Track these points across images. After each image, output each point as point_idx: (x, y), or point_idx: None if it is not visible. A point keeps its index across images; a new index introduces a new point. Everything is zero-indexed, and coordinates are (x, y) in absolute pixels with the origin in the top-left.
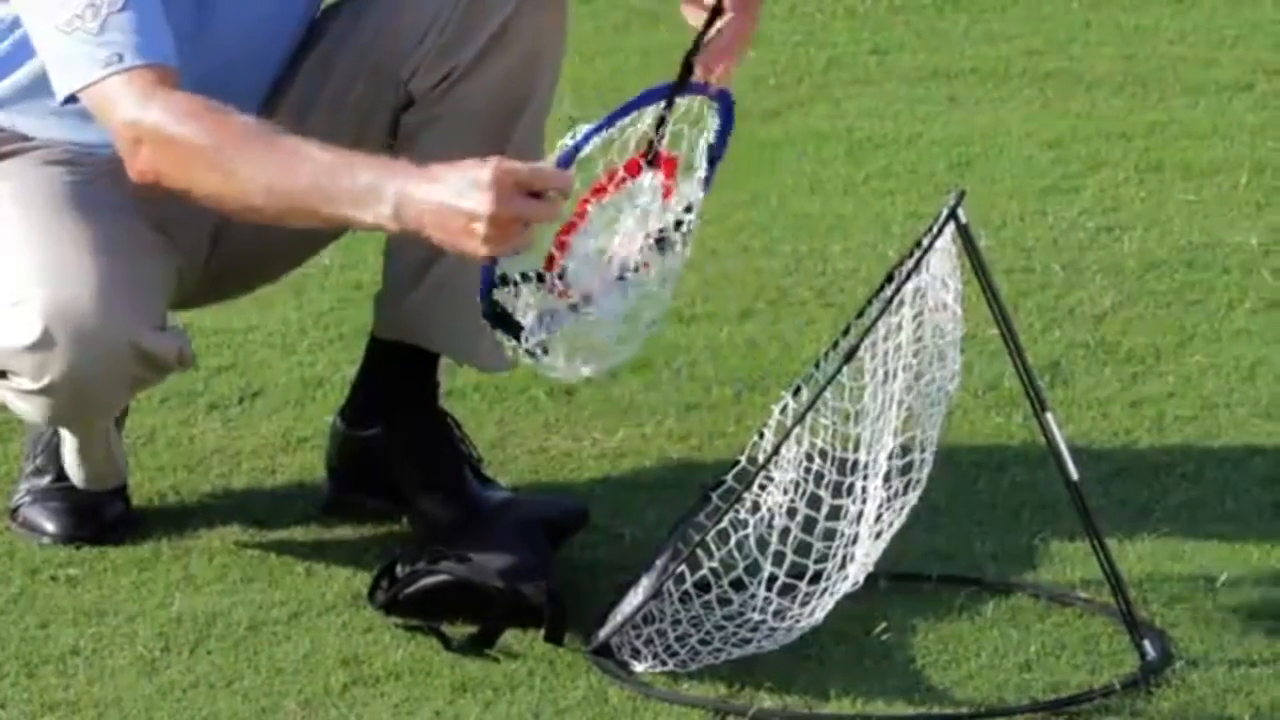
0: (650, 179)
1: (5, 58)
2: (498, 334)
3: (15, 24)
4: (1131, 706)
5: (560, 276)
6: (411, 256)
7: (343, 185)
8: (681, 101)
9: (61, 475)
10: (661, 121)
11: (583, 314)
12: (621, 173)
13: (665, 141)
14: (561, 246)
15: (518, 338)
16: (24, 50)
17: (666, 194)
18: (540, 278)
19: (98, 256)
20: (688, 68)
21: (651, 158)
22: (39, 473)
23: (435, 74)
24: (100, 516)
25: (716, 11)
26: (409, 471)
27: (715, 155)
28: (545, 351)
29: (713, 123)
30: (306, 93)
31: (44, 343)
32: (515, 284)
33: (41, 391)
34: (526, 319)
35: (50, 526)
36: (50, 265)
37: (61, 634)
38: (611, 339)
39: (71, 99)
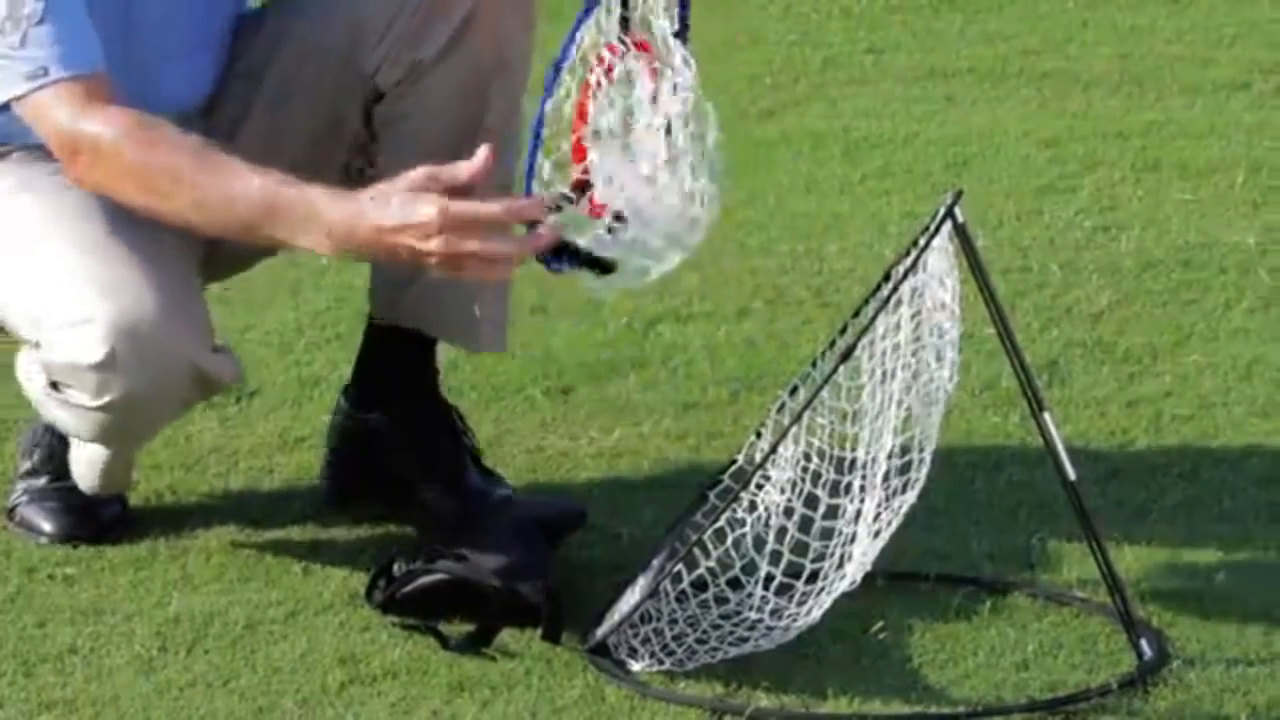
0: (634, 62)
1: None
2: (567, 270)
3: None
4: (1128, 706)
5: (586, 191)
6: (395, 277)
7: (280, 213)
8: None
9: (58, 475)
10: (624, 4)
11: (621, 237)
12: (607, 57)
13: (633, 23)
14: (579, 154)
15: (586, 262)
16: None
17: (653, 74)
18: (571, 199)
19: (152, 274)
20: None
21: (624, 40)
22: (35, 472)
23: (400, 68)
24: (97, 516)
25: None
26: (408, 460)
27: (684, 19)
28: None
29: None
30: (279, 88)
31: (108, 364)
32: (557, 208)
33: (98, 409)
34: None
35: (47, 526)
36: (108, 284)
37: (59, 633)
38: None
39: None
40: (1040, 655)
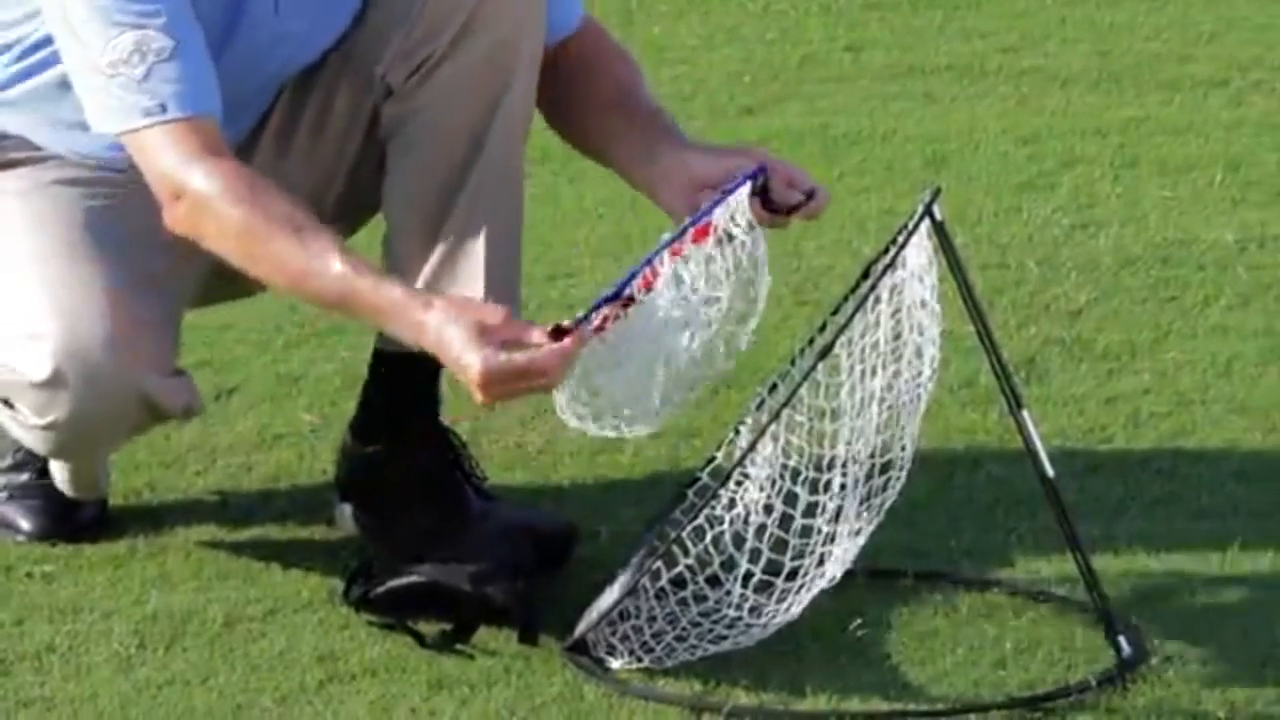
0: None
1: (30, 66)
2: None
3: (46, 39)
4: (1107, 703)
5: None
6: (412, 269)
7: (350, 304)
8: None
9: (41, 472)
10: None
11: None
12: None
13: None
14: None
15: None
16: (49, 61)
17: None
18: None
19: (114, 297)
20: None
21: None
22: (18, 468)
23: (410, 63)
24: (77, 516)
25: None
26: (408, 493)
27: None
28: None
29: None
30: (294, 100)
31: (53, 382)
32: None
33: (44, 427)
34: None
35: (26, 525)
36: (65, 302)
37: (37, 631)
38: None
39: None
40: (1019, 652)
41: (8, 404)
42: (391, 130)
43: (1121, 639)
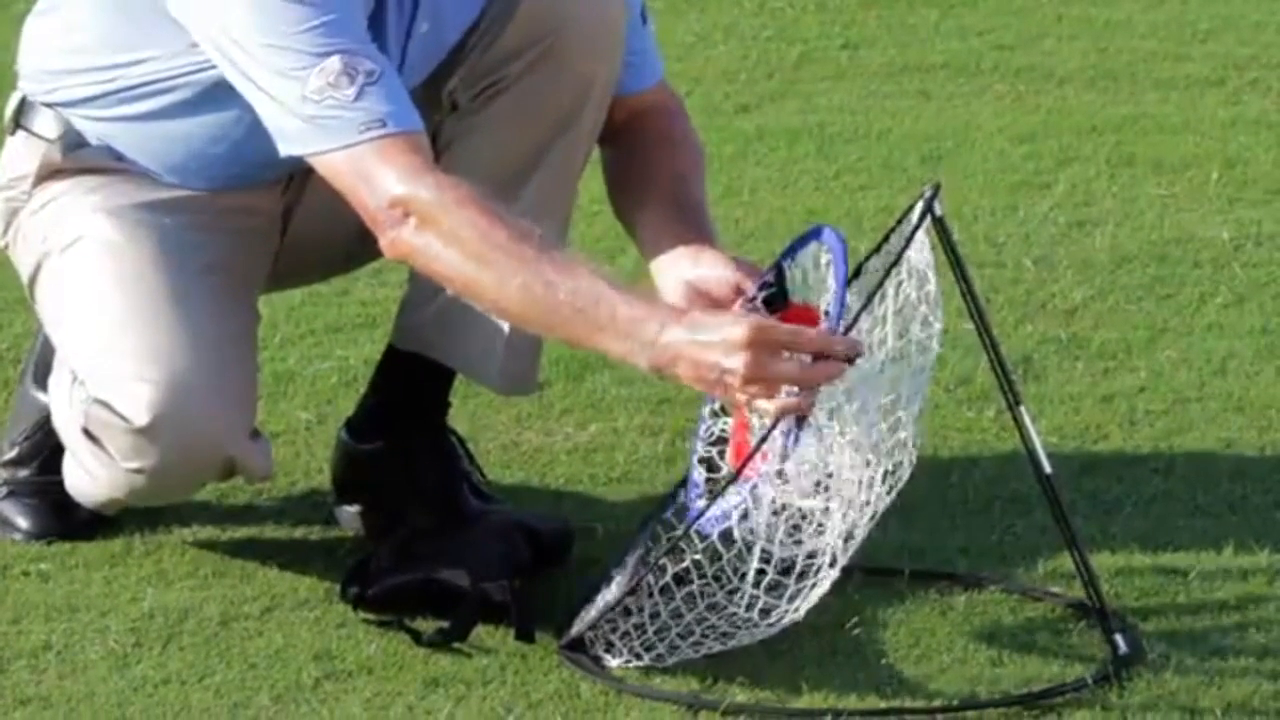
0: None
1: (157, 82)
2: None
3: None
4: (1103, 700)
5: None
6: None
7: (603, 314)
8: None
9: (42, 469)
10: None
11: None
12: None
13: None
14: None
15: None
16: (157, 72)
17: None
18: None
19: (217, 354)
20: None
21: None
22: (19, 463)
23: (481, 83)
24: (73, 514)
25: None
26: (403, 490)
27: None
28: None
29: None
30: None
31: (149, 431)
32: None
33: (128, 471)
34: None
35: (23, 523)
36: (172, 353)
37: (33, 629)
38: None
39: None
40: (1015, 650)
41: (92, 437)
42: (448, 142)
43: (1118, 636)
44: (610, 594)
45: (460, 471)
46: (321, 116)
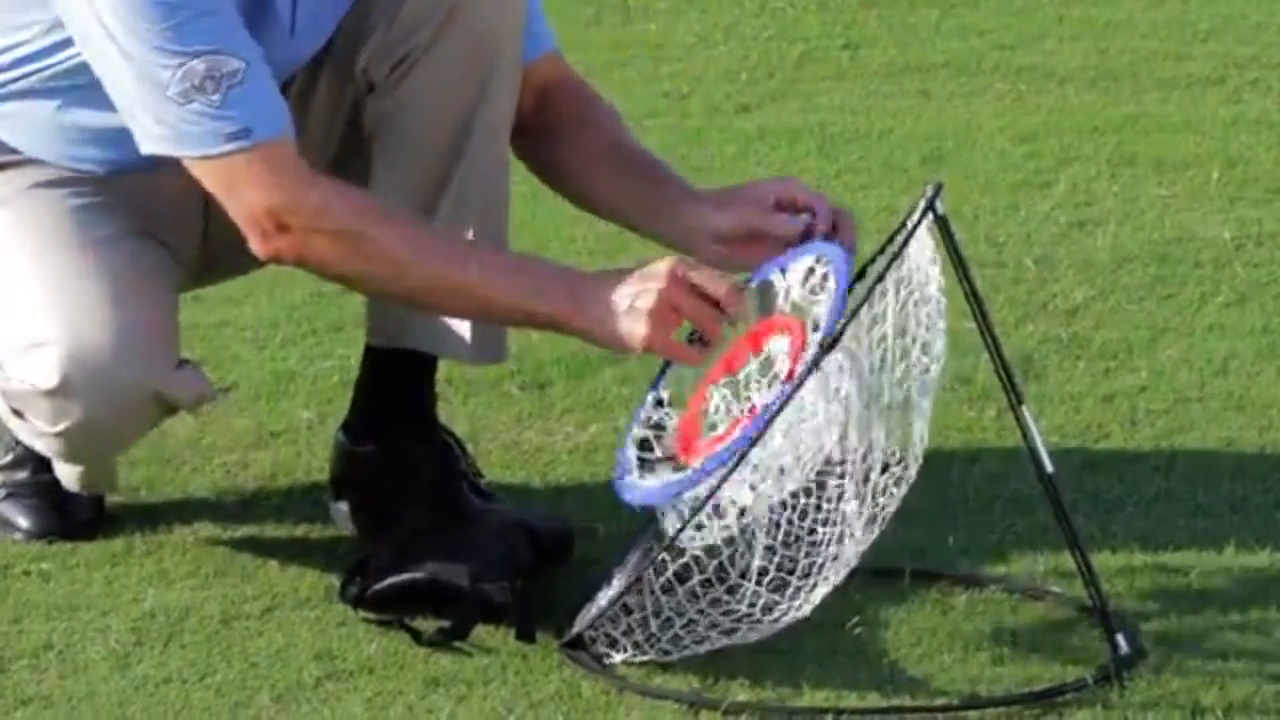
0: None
1: (19, 75)
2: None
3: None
4: (1104, 700)
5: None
6: None
7: (522, 278)
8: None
9: (39, 468)
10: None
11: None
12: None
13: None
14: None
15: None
16: (32, 59)
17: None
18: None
19: (115, 297)
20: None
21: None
22: (17, 465)
23: (391, 58)
24: (75, 514)
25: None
26: (400, 490)
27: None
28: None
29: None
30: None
31: (62, 390)
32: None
33: (57, 434)
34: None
35: (23, 523)
36: (65, 307)
37: (34, 629)
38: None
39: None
40: (1016, 649)
41: (19, 414)
42: (375, 126)
43: (1119, 636)
44: (610, 593)
45: (458, 470)
46: (184, 121)
